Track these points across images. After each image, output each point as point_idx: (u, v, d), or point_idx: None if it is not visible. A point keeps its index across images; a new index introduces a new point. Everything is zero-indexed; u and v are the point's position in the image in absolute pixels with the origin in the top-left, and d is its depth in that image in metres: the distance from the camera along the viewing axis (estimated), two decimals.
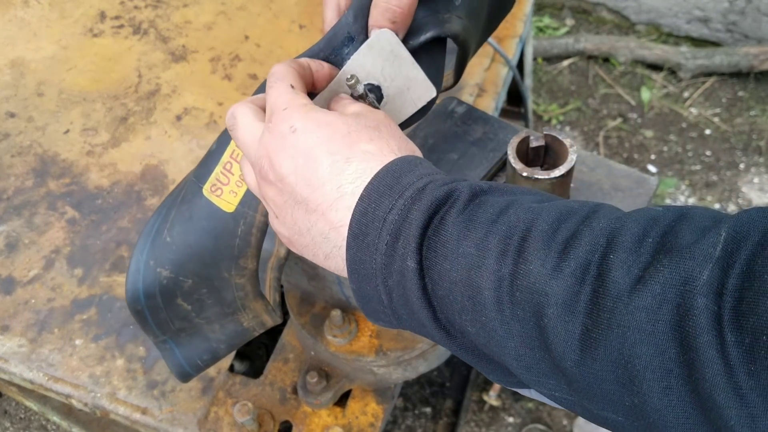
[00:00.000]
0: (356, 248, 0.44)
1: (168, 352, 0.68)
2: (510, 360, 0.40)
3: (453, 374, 1.79)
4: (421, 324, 0.43)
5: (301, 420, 0.89)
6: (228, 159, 0.59)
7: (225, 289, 0.62)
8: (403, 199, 0.42)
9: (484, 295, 0.39)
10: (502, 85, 1.23)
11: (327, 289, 0.86)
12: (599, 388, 0.36)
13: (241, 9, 1.34)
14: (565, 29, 2.64)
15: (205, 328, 0.66)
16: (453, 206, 0.41)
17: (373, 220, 0.43)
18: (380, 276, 0.43)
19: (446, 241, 0.40)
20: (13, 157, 1.15)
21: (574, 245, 0.37)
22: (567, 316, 0.36)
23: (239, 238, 0.59)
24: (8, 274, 1.02)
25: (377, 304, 0.45)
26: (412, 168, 0.44)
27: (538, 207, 0.40)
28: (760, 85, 2.38)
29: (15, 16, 1.36)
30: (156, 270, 0.60)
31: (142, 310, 0.63)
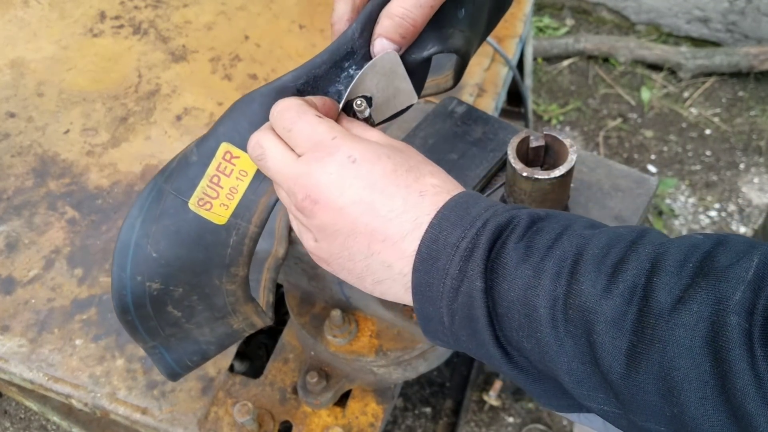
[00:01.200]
0: (424, 272, 0.47)
1: (158, 357, 0.68)
2: (562, 375, 0.43)
3: (453, 374, 1.79)
4: (481, 343, 0.47)
5: (301, 420, 0.89)
6: (215, 172, 0.57)
7: (216, 295, 0.62)
8: (474, 228, 0.46)
9: (539, 312, 0.42)
10: (502, 85, 1.23)
11: (327, 289, 0.86)
12: (642, 400, 0.40)
13: (241, 9, 1.34)
14: (565, 29, 2.64)
15: (195, 332, 0.66)
16: (513, 232, 0.45)
17: (445, 246, 0.46)
18: (446, 299, 0.46)
19: (506, 264, 0.44)
20: (13, 157, 1.15)
21: (623, 269, 0.41)
22: (615, 333, 0.40)
23: (231, 248, 0.59)
24: (8, 274, 1.02)
25: (437, 325, 0.48)
26: (477, 201, 0.48)
27: (590, 233, 0.44)
28: (760, 85, 2.38)
29: (15, 16, 1.36)
30: (145, 284, 0.60)
31: (132, 320, 0.62)
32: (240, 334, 0.69)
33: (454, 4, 0.57)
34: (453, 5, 0.57)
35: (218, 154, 0.58)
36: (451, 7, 0.57)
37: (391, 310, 0.84)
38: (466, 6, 0.58)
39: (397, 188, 0.49)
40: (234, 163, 0.57)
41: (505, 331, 0.45)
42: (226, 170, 0.57)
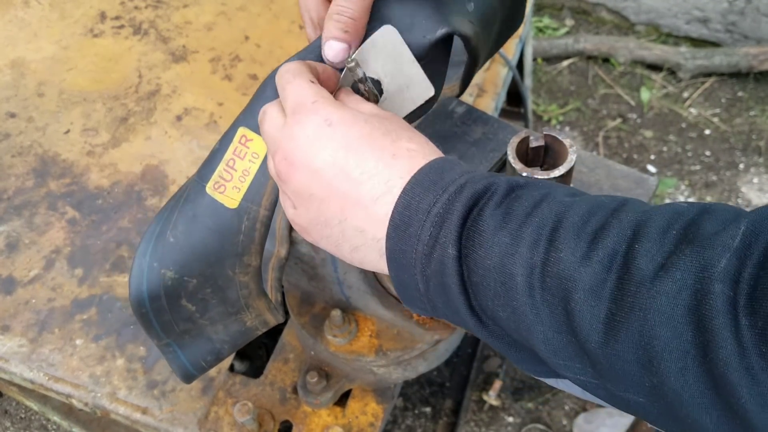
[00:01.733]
0: (397, 239, 0.46)
1: (171, 355, 0.68)
2: (539, 344, 0.42)
3: (453, 374, 1.79)
4: (455, 311, 0.46)
5: (301, 420, 0.89)
6: (231, 156, 0.59)
7: (229, 287, 0.62)
8: (447, 194, 0.45)
9: (516, 281, 0.41)
10: (501, 85, 1.23)
11: (327, 289, 0.86)
12: (621, 369, 0.38)
13: (241, 9, 1.35)
14: (565, 29, 2.64)
15: (209, 329, 0.66)
16: (491, 199, 0.44)
17: (417, 212, 0.45)
18: (419, 265, 0.46)
19: (483, 231, 0.43)
20: (14, 158, 1.15)
21: (603, 236, 0.39)
22: (593, 301, 0.38)
23: (243, 234, 0.59)
24: (8, 274, 1.02)
25: (414, 292, 0.48)
26: (453, 166, 0.47)
27: (570, 201, 0.43)
28: (760, 86, 2.38)
29: (15, 16, 1.36)
30: (160, 271, 0.60)
31: (146, 313, 0.63)
32: (253, 332, 0.69)
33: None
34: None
35: (235, 139, 0.59)
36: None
37: (391, 310, 0.84)
38: (475, 0, 0.58)
39: (371, 150, 0.48)
40: (248, 146, 0.59)
41: (479, 300, 0.44)
42: (241, 153, 0.58)
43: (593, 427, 1.69)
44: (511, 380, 1.85)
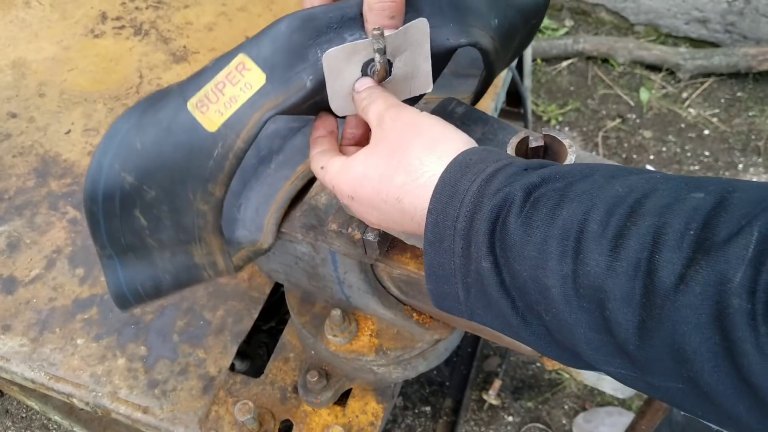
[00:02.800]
0: (433, 254, 0.50)
1: (110, 269, 0.65)
2: (580, 344, 0.45)
3: (453, 373, 1.79)
4: (498, 314, 0.49)
5: (302, 419, 0.89)
6: (222, 79, 0.57)
7: (186, 212, 0.60)
8: (465, 207, 0.48)
9: (552, 292, 0.44)
10: (501, 85, 1.24)
11: (327, 288, 0.87)
12: (658, 366, 0.42)
13: (242, 10, 1.35)
14: (564, 30, 2.65)
15: (155, 254, 0.64)
16: (510, 210, 0.46)
17: (445, 228, 0.49)
18: (459, 275, 0.50)
19: (512, 246, 0.46)
20: (15, 158, 1.15)
21: (624, 244, 0.42)
22: (625, 309, 0.41)
23: (214, 160, 0.57)
24: (10, 274, 1.03)
25: (453, 302, 0.52)
26: (464, 172, 0.50)
27: (588, 198, 0.44)
28: (759, 86, 2.39)
29: (16, 16, 1.36)
30: (120, 174, 0.58)
31: (96, 212, 0.60)
32: (199, 271, 0.66)
33: (487, 8, 0.59)
34: (487, 9, 0.59)
35: (232, 64, 0.58)
36: (485, 10, 0.59)
37: (391, 309, 0.84)
38: (499, 17, 0.60)
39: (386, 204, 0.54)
40: (243, 75, 0.57)
41: (524, 301, 0.47)
42: (234, 79, 0.57)
43: (592, 426, 1.70)
44: (510, 379, 1.85)
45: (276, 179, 0.81)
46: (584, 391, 1.82)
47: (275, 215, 0.80)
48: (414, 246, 0.73)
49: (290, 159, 0.83)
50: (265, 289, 1.00)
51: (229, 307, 0.99)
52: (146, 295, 0.68)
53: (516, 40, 0.65)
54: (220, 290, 1.00)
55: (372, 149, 0.57)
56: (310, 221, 0.79)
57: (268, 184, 0.81)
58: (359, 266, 0.80)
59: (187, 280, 0.67)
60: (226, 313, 0.98)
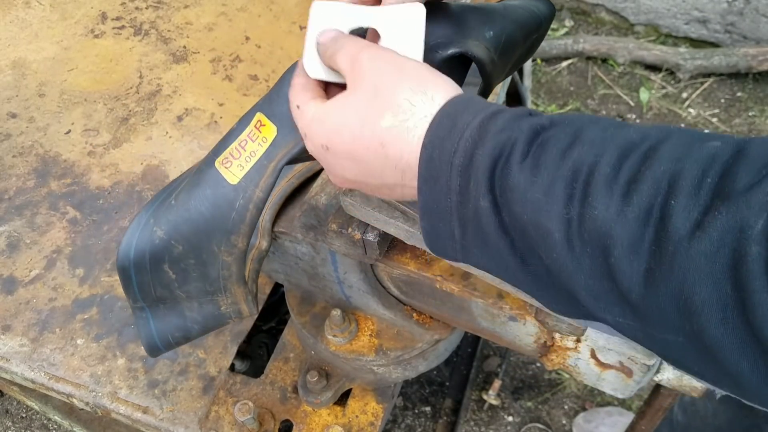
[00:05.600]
0: (428, 191, 0.48)
1: (143, 321, 0.70)
2: (579, 290, 0.43)
3: (453, 373, 1.79)
4: (495, 254, 0.47)
5: (302, 419, 0.89)
6: (245, 137, 0.62)
7: (212, 263, 0.64)
8: (464, 141, 0.45)
9: (554, 236, 0.42)
10: (501, 85, 1.24)
11: (327, 288, 0.87)
12: (661, 317, 0.40)
13: (242, 10, 1.35)
14: (564, 30, 2.65)
15: (184, 304, 0.67)
16: (515, 149, 0.44)
17: (441, 163, 0.46)
18: (455, 213, 0.47)
19: (514, 187, 0.43)
20: (15, 158, 1.16)
21: (637, 189, 0.39)
22: (632, 256, 0.39)
23: (236, 212, 0.61)
24: (10, 274, 1.03)
25: (447, 241, 0.49)
26: (466, 107, 0.47)
27: (600, 141, 0.42)
28: (759, 86, 2.39)
29: (16, 17, 1.36)
30: (153, 229, 0.63)
31: (128, 268, 0.65)
32: (225, 318, 0.70)
33: (481, 21, 0.60)
34: (480, 22, 0.60)
35: (252, 122, 0.62)
36: (478, 24, 0.60)
37: (391, 309, 0.84)
38: (494, 29, 0.61)
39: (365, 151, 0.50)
40: (260, 131, 0.61)
41: (524, 242, 0.45)
42: (253, 136, 0.62)
43: (592, 426, 1.70)
44: (510, 379, 1.85)
45: None
46: (584, 391, 1.83)
47: (269, 213, 0.80)
48: (414, 246, 0.73)
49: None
50: (265, 289, 1.00)
51: None
52: (176, 342, 0.72)
53: (515, 53, 0.65)
54: None
55: (350, 93, 0.52)
56: (310, 221, 0.79)
57: None
58: (359, 266, 0.80)
59: (213, 327, 0.71)
60: None
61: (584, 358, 0.78)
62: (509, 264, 0.47)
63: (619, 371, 0.77)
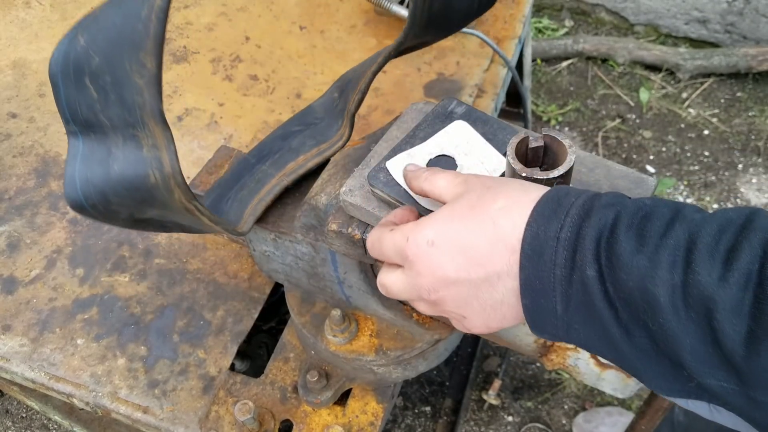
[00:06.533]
0: (531, 267, 0.50)
1: (71, 156, 0.65)
2: (685, 354, 0.46)
3: (453, 373, 1.79)
4: (599, 326, 0.49)
5: (302, 419, 0.89)
6: None
7: (125, 84, 0.60)
8: (570, 218, 0.49)
9: (659, 301, 0.45)
10: (501, 85, 1.24)
11: (327, 288, 0.87)
12: (763, 378, 0.43)
13: (242, 10, 1.35)
14: (564, 30, 2.65)
15: (111, 138, 0.63)
16: (620, 220, 0.48)
17: (547, 239, 0.50)
18: (559, 288, 0.50)
19: (620, 254, 0.47)
20: (15, 158, 1.16)
21: (736, 257, 0.43)
22: (734, 319, 0.42)
23: (142, 23, 0.57)
24: (10, 274, 1.03)
25: (548, 317, 0.52)
26: (567, 191, 0.52)
27: (700, 218, 0.46)
28: (759, 86, 2.39)
29: (17, 17, 1.36)
30: (77, 36, 0.60)
31: (56, 75, 0.62)
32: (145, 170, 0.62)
33: None
34: None
35: None
36: None
37: (391, 309, 0.84)
38: None
39: (476, 236, 0.53)
40: None
41: (629, 312, 0.47)
42: None
43: (592, 426, 1.70)
44: (510, 379, 1.85)
45: (266, 175, 0.82)
46: (584, 391, 1.83)
47: (257, 206, 0.80)
48: None
49: (283, 157, 0.84)
50: (265, 289, 1.00)
51: (229, 307, 0.99)
52: (96, 196, 0.65)
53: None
54: (220, 290, 1.00)
55: (458, 197, 0.57)
56: (310, 221, 0.79)
57: (257, 179, 0.82)
58: (359, 266, 0.80)
59: (133, 179, 0.63)
60: (226, 313, 0.98)
61: (584, 358, 0.78)
62: (613, 337, 0.49)
63: (618, 371, 0.77)
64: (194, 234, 0.81)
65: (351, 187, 0.71)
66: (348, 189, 0.71)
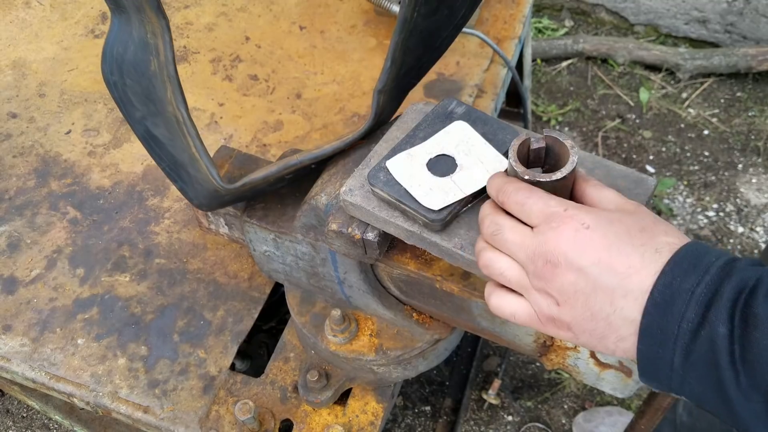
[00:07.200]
0: (657, 315, 0.51)
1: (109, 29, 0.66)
2: None
3: (452, 373, 1.79)
4: (716, 385, 0.50)
5: (302, 418, 0.89)
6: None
7: None
8: (710, 276, 0.50)
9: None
10: (501, 86, 1.24)
11: (328, 288, 0.87)
12: None
13: (242, 10, 1.35)
14: (564, 30, 2.65)
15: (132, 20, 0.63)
16: (761, 285, 0.48)
17: (680, 292, 0.50)
18: (681, 341, 0.50)
19: (758, 315, 0.47)
20: (15, 158, 1.16)
21: None
22: None
23: None
24: (10, 274, 1.03)
25: (663, 367, 0.52)
26: (707, 249, 0.52)
27: None
28: (759, 86, 2.39)
29: (17, 17, 1.36)
30: None
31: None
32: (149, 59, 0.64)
33: None
34: None
35: None
36: None
37: (391, 309, 0.84)
38: None
39: (633, 247, 0.52)
40: None
41: (750, 376, 0.48)
42: None
43: (592, 425, 1.70)
44: (510, 379, 1.85)
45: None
46: (584, 391, 1.83)
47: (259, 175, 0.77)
48: (414, 246, 0.73)
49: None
50: (265, 289, 1.00)
51: (230, 307, 0.99)
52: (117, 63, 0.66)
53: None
54: (220, 290, 1.00)
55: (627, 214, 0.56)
56: (310, 221, 0.79)
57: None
58: (359, 266, 0.81)
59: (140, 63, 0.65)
60: (226, 313, 0.98)
61: (584, 358, 0.78)
62: (730, 397, 0.49)
63: (618, 371, 0.77)
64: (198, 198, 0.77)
65: (351, 187, 0.71)
66: (348, 189, 0.71)
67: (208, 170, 0.72)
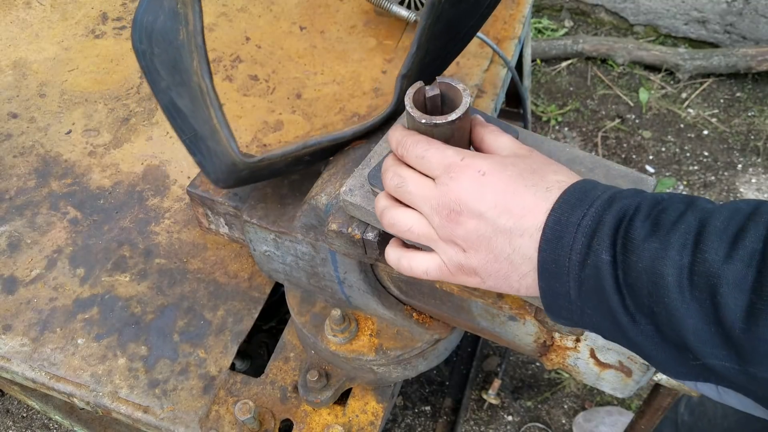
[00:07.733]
0: (549, 251, 0.53)
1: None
2: (689, 335, 0.48)
3: (452, 373, 1.79)
4: (608, 313, 0.52)
5: (302, 418, 0.89)
6: None
7: None
8: (594, 208, 0.52)
9: (666, 280, 0.47)
10: (500, 86, 1.24)
11: (328, 288, 0.87)
12: (763, 351, 0.45)
13: (242, 11, 1.35)
14: (564, 30, 2.65)
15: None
16: (639, 211, 0.51)
17: (567, 225, 0.52)
18: (573, 272, 0.52)
19: (634, 239, 0.49)
20: (15, 158, 1.16)
21: (742, 237, 0.46)
22: (737, 293, 0.45)
23: None
24: (10, 274, 1.03)
25: (563, 301, 0.54)
26: (594, 185, 0.54)
27: (711, 207, 0.50)
28: (758, 86, 2.39)
29: (17, 17, 1.36)
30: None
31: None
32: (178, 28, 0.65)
33: None
34: None
35: None
36: None
37: (391, 309, 0.85)
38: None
39: (526, 188, 0.55)
40: None
41: (634, 299, 0.50)
42: None
43: (592, 425, 1.70)
44: (510, 379, 1.86)
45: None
46: (584, 391, 1.83)
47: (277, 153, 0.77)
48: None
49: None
50: (265, 289, 1.00)
51: (230, 307, 0.99)
52: (147, 31, 0.67)
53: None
54: (220, 290, 1.00)
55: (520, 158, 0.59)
56: (310, 221, 0.79)
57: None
58: (359, 266, 0.81)
59: (169, 32, 0.66)
60: (226, 313, 0.98)
61: (584, 358, 0.78)
62: (621, 322, 0.51)
63: (618, 371, 0.77)
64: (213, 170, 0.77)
65: (351, 187, 0.71)
66: (348, 189, 0.71)
67: (228, 142, 0.72)
